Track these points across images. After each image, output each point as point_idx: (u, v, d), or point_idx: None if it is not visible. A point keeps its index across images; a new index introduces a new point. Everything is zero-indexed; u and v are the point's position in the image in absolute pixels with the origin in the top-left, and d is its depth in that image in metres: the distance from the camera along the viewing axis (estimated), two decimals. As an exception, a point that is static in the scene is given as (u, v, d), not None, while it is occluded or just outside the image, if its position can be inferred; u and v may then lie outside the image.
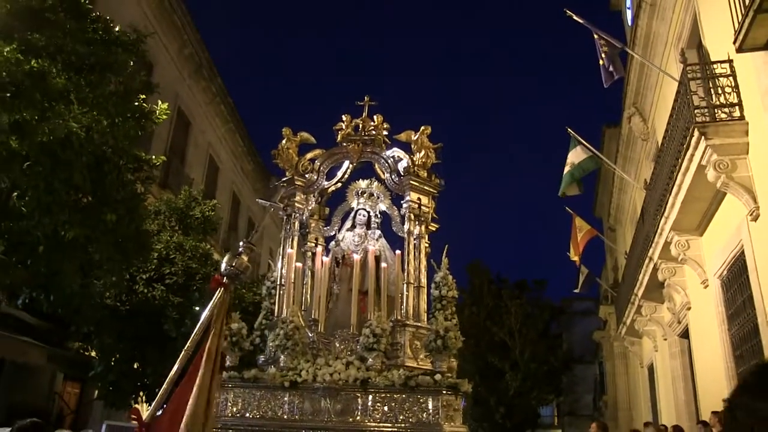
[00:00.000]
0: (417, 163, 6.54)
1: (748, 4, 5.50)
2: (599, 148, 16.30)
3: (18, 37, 5.97)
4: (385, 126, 6.95)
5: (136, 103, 7.06)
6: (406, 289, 6.19)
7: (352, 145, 6.89)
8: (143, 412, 2.86)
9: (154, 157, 7.83)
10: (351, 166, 7.15)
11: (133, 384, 10.15)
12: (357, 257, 6.57)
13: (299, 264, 6.80)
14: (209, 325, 2.72)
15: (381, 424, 5.43)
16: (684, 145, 7.62)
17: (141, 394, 10.32)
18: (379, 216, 7.16)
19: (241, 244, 3.16)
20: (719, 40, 7.81)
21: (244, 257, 3.03)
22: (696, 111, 7.17)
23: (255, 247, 3.30)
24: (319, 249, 6.95)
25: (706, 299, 9.34)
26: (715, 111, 7.15)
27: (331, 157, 7.07)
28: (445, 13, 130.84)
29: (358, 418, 5.51)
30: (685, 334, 11.48)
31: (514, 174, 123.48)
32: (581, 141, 13.03)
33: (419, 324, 6.08)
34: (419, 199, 6.47)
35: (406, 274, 6.27)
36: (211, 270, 10.26)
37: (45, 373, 11.17)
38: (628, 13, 14.89)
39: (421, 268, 6.33)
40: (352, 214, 7.16)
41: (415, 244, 6.37)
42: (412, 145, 6.67)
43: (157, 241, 9.76)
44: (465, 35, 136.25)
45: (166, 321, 9.61)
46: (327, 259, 6.73)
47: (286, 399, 5.77)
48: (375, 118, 6.97)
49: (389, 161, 6.77)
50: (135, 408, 3.32)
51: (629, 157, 16.44)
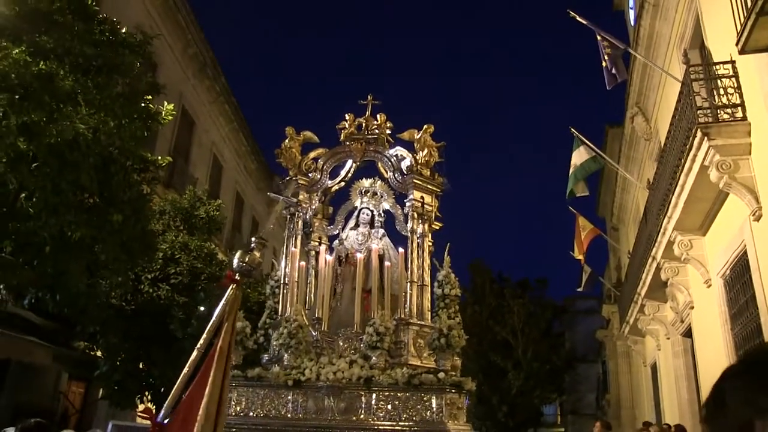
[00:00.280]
0: (420, 161, 6.54)
1: (750, 6, 5.51)
2: (602, 147, 16.26)
3: (26, 39, 6.03)
4: (388, 125, 6.94)
5: (143, 104, 7.09)
6: (410, 287, 6.19)
7: (355, 144, 6.89)
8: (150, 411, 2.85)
9: (160, 158, 7.87)
10: (354, 165, 7.15)
11: (138, 384, 10.19)
12: (360, 256, 6.58)
13: (303, 263, 6.82)
14: (221, 323, 2.70)
15: (385, 423, 5.44)
16: (687, 146, 7.64)
17: (146, 393, 10.36)
18: (382, 215, 7.16)
19: (252, 239, 3.11)
20: (722, 40, 7.81)
21: (256, 253, 2.98)
22: (699, 112, 7.18)
23: (267, 242, 3.26)
24: (322, 248, 6.95)
25: (709, 299, 9.34)
26: (718, 112, 7.16)
27: (335, 156, 7.07)
28: (446, 13, 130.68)
29: (362, 416, 5.52)
30: (688, 333, 11.48)
31: (515, 173, 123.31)
32: (585, 141, 13.01)
33: (423, 322, 6.08)
34: (422, 197, 6.47)
35: (409, 272, 6.28)
36: (216, 270, 10.31)
37: (50, 373, 11.22)
38: (631, 13, 14.86)
39: (424, 267, 6.33)
40: (356, 213, 7.17)
41: (418, 243, 6.37)
42: (415, 144, 6.66)
43: (162, 241, 9.80)
44: (466, 35, 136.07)
45: (171, 321, 9.64)
46: (330, 258, 6.74)
47: (289, 398, 5.78)
48: (378, 116, 6.97)
49: (392, 160, 6.77)
50: (147, 408, 3.34)
51: (632, 156, 16.43)
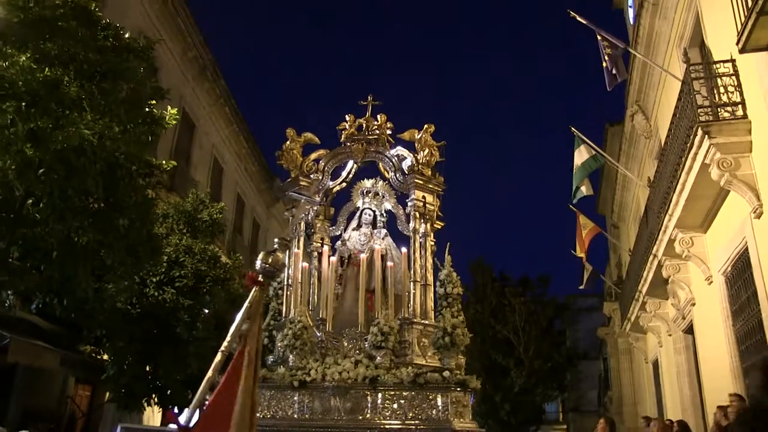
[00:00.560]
0: (421, 161, 6.56)
1: (750, 5, 5.54)
2: (602, 145, 16.31)
3: (31, 46, 6.07)
4: (388, 125, 6.95)
5: (147, 109, 7.13)
6: (413, 287, 6.22)
7: (356, 145, 6.91)
8: (154, 414, 2.81)
9: (164, 162, 7.91)
10: (355, 165, 7.17)
11: (145, 386, 10.21)
12: (363, 256, 6.61)
13: (306, 264, 6.84)
14: (248, 327, 2.63)
15: (391, 422, 5.48)
16: (687, 144, 7.68)
17: (153, 396, 10.39)
18: (384, 215, 7.18)
19: (275, 240, 3.06)
20: (721, 39, 7.85)
21: (279, 254, 2.91)
22: (699, 110, 7.22)
23: (290, 242, 3.20)
24: (325, 249, 6.97)
25: (711, 295, 9.38)
26: (718, 110, 7.20)
27: (336, 157, 7.09)
28: (446, 13, 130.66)
29: (368, 415, 5.56)
30: (689, 330, 11.51)
31: (516, 172, 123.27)
32: (585, 140, 13.05)
33: (427, 321, 6.12)
34: (424, 197, 6.50)
35: (412, 272, 6.30)
36: (220, 272, 10.36)
37: (57, 377, 11.25)
38: (631, 12, 14.88)
39: (427, 266, 6.36)
40: (358, 214, 7.18)
41: (420, 243, 6.41)
42: (416, 144, 6.69)
43: (166, 244, 9.84)
44: (467, 35, 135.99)
45: (177, 323, 9.68)
46: (333, 259, 6.76)
47: (295, 398, 5.82)
48: (378, 117, 6.98)
49: (393, 160, 6.79)
50: (170, 412, 3.31)
51: (632, 154, 16.47)
